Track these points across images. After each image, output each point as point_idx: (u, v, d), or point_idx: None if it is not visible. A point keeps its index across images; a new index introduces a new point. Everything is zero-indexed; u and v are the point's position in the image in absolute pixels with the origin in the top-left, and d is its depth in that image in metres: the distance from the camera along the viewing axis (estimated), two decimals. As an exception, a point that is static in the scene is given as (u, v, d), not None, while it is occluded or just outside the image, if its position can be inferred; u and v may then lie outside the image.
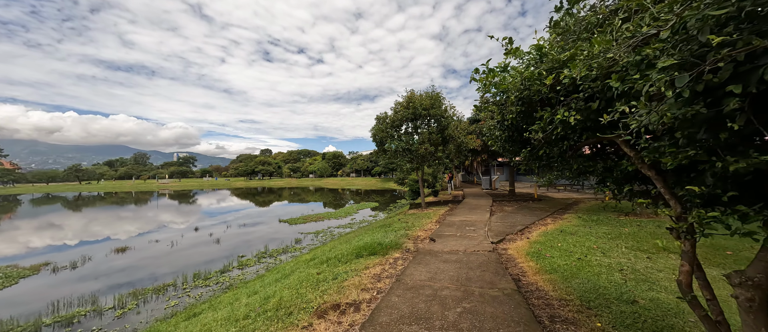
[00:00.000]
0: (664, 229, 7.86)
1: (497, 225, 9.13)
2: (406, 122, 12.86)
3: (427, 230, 9.12)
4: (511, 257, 5.91)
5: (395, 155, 12.56)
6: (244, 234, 15.70)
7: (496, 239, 7.19)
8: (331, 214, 21.47)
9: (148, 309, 7.16)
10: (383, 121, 13.10)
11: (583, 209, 11.95)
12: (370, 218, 19.25)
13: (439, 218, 11.26)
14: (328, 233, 14.96)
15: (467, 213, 11.58)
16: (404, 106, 12.73)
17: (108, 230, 17.78)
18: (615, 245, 6.43)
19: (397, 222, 11.50)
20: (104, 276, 9.72)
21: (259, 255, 11.47)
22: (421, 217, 11.73)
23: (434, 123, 12.79)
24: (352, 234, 12.20)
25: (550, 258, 5.68)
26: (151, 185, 76.15)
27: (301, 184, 73.34)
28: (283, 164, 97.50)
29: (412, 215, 12.50)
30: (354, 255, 6.55)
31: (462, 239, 7.47)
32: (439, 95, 12.50)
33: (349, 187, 58.49)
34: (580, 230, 8.02)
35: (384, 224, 11.51)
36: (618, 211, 11.21)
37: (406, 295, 3.92)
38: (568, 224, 9.00)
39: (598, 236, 7.40)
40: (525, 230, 8.56)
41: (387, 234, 8.83)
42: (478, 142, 15.34)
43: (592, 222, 9.24)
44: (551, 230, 8.34)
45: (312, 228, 16.51)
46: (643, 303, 3.66)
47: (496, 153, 16.41)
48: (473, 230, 8.52)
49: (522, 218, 10.20)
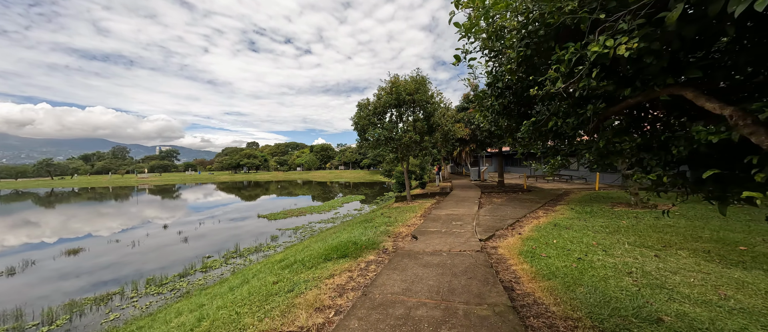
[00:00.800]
0: (663, 221, 7.26)
1: (486, 219, 8.37)
2: (390, 109, 11.88)
3: (409, 226, 8.29)
4: (501, 257, 5.12)
5: (377, 145, 11.61)
6: (217, 232, 14.56)
7: (484, 236, 6.40)
8: (314, 208, 20.46)
9: (82, 326, 6.09)
10: (365, 108, 12.09)
11: (575, 200, 11.38)
12: (355, 212, 18.37)
13: (425, 211, 10.45)
14: (307, 229, 14.00)
15: (454, 206, 10.82)
16: (387, 91, 11.74)
17: (65, 230, 16.27)
18: (616, 241, 5.73)
19: (379, 217, 10.65)
20: (44, 284, 8.51)
21: (227, 255, 10.42)
22: (405, 211, 10.90)
23: (420, 110, 11.87)
24: (331, 231, 11.29)
25: (546, 258, 4.92)
26: (129, 180, 72.89)
27: (288, 177, 71.67)
28: (270, 157, 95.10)
29: (397, 209, 11.66)
30: (323, 257, 5.64)
31: (447, 236, 6.66)
32: (424, 79, 11.54)
33: (337, 180, 57.41)
34: (575, 224, 7.34)
35: (366, 220, 10.63)
36: (611, 201, 10.66)
37: (371, 317, 3.04)
38: (562, 217, 8.33)
39: (596, 230, 6.71)
40: (516, 224, 7.83)
41: (366, 231, 7.96)
42: (466, 131, 14.55)
43: (587, 214, 8.60)
44: (544, 224, 7.63)
45: (292, 224, 15.50)
46: (670, 321, 2.89)
47: (484, 142, 15.69)
48: (460, 225, 7.73)
49: (512, 211, 9.50)
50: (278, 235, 13.28)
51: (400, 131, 11.32)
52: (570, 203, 10.89)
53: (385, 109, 11.89)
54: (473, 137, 15.06)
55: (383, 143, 11.50)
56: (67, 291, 7.93)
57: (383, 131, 11.00)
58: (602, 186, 16.06)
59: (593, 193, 13.26)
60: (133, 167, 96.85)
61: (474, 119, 14.35)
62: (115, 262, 10.30)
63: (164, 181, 69.06)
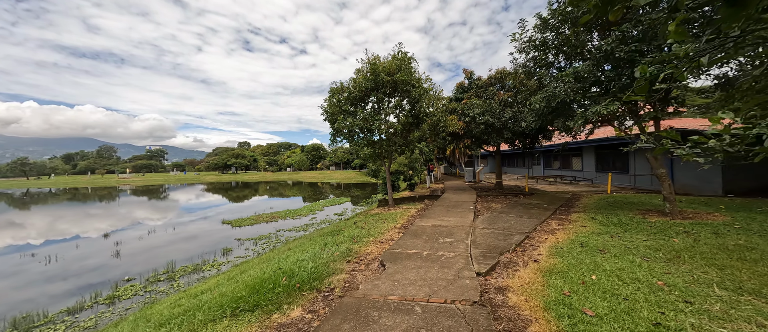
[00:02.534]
0: (731, 240, 5.21)
1: (485, 234, 6.25)
2: (370, 94, 9.69)
3: (382, 243, 6.13)
4: (517, 316, 2.99)
5: (350, 137, 9.44)
6: (165, 243, 12.22)
7: (484, 268, 4.26)
8: (289, 212, 18.18)
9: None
10: (338, 93, 9.89)
11: (591, 206, 9.34)
12: (335, 218, 16.16)
13: (407, 221, 8.31)
14: (272, 239, 11.76)
15: (444, 214, 8.70)
16: (364, 74, 9.58)
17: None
18: (691, 279, 3.64)
19: (350, 227, 8.48)
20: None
21: (154, 277, 8.14)
22: (383, 220, 8.74)
23: (403, 96, 9.71)
24: (293, 244, 9.07)
25: (596, 320, 2.80)
26: (109, 181, 69.58)
27: (277, 178, 69.11)
28: (261, 157, 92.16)
29: (374, 217, 9.50)
30: (226, 308, 3.45)
31: (430, 264, 4.52)
32: (408, 58, 9.39)
33: (327, 180, 55.12)
34: (610, 244, 5.25)
35: (333, 231, 8.44)
36: (637, 208, 8.64)
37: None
38: (586, 231, 6.24)
39: (644, 254, 4.63)
40: (526, 242, 5.71)
41: (321, 251, 5.79)
42: (460, 124, 12.46)
43: (616, 227, 6.53)
44: (565, 242, 5.53)
45: (256, 232, 13.23)
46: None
47: (481, 138, 13.62)
48: (449, 243, 5.59)
49: (517, 222, 7.40)
50: (235, 247, 11.02)
51: (379, 119, 9.14)
52: (586, 210, 8.84)
53: (363, 96, 9.72)
54: (468, 132, 12.98)
55: (357, 134, 9.33)
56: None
57: (356, 121, 8.82)
58: (615, 188, 14.11)
59: (608, 197, 11.27)
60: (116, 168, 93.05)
61: (469, 109, 12.26)
62: (6, 287, 7.94)
63: (147, 181, 65.96)
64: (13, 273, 9.05)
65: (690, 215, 7.39)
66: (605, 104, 6.47)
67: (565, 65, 8.52)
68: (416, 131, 9.94)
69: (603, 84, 7.15)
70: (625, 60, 6.42)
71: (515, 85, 12.50)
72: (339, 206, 20.58)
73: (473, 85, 13.83)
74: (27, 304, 6.80)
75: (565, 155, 21.31)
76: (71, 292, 7.40)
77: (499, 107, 12.31)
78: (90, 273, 8.87)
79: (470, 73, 13.81)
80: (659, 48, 5.92)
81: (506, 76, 12.96)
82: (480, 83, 13.57)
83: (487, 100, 12.57)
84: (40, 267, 9.49)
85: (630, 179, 15.04)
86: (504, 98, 12.35)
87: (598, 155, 17.61)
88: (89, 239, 13.17)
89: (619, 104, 6.43)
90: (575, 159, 20.19)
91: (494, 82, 13.34)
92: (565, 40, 7.68)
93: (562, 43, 7.83)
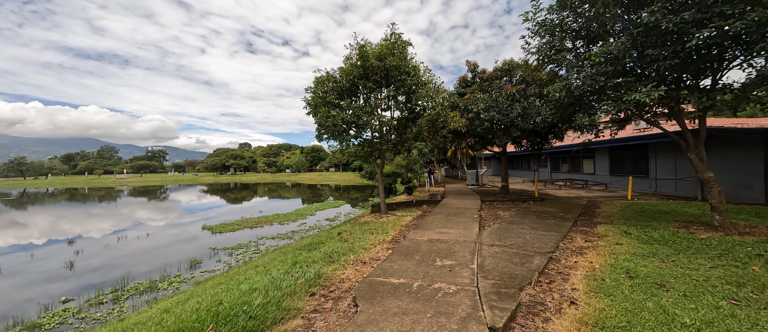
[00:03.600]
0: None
1: (495, 254, 4.90)
2: (357, 84, 8.36)
3: (363, 265, 4.80)
4: None
5: (335, 134, 8.12)
6: (130, 252, 10.94)
7: (501, 318, 2.91)
8: (278, 217, 16.87)
9: None
10: (323, 84, 8.56)
11: (617, 216, 7.96)
12: (325, 223, 14.85)
13: (400, 232, 6.96)
14: (249, 249, 10.46)
15: (444, 224, 7.35)
16: (353, 62, 8.28)
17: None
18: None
19: (334, 238, 7.15)
20: None
21: (96, 298, 6.83)
22: (373, 230, 7.40)
23: (398, 87, 8.39)
24: (264, 259, 7.75)
25: None
26: (106, 181, 68.62)
27: (276, 179, 67.96)
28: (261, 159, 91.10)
29: (363, 226, 8.17)
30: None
31: (420, 306, 3.19)
32: (403, 41, 8.07)
33: (326, 182, 53.88)
34: (667, 273, 3.88)
35: (313, 243, 7.11)
36: (674, 219, 7.26)
37: None
38: (625, 252, 4.87)
39: (724, 293, 3.27)
40: (551, 268, 4.36)
41: (285, 277, 4.49)
42: (462, 121, 11.13)
43: (660, 245, 5.17)
44: (604, 268, 4.17)
45: (236, 240, 11.93)
46: None
47: (485, 138, 12.28)
48: (449, 269, 4.26)
49: (533, 236, 6.04)
50: (207, 258, 9.73)
51: (367, 113, 7.79)
52: (613, 220, 7.46)
53: (351, 86, 8.39)
54: (471, 130, 11.64)
55: (344, 131, 8.02)
56: None
57: (341, 114, 7.50)
58: (634, 194, 12.70)
59: (632, 204, 9.88)
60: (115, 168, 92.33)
61: (473, 105, 10.93)
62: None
63: (144, 182, 64.94)
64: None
65: (745, 229, 6.01)
66: (647, 90, 5.12)
67: (585, 51, 7.20)
68: (413, 128, 8.62)
69: (642, 66, 5.81)
70: (675, 33, 5.08)
71: (524, 77, 11.16)
72: (333, 210, 19.25)
73: (477, 78, 12.49)
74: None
75: (575, 157, 19.91)
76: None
77: (507, 102, 10.97)
78: (28, 288, 7.58)
79: (474, 65, 12.49)
80: (725, 15, 4.57)
81: (514, 68, 11.62)
82: (485, 76, 12.24)
83: (493, 94, 11.24)
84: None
85: (650, 184, 13.63)
86: (512, 91, 11.01)
87: (612, 157, 16.21)
88: (50, 247, 11.90)
89: (665, 91, 5.08)
90: (586, 161, 18.79)
91: (501, 75, 12.01)
92: (591, 17, 6.35)
93: (586, 24, 6.50)
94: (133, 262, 9.66)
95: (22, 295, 7.22)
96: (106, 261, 9.93)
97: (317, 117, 7.96)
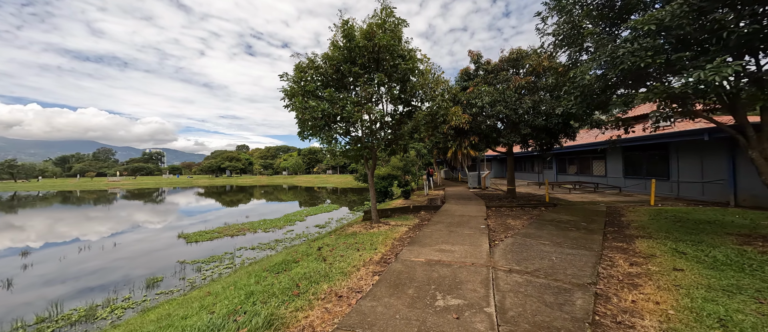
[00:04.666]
0: None
1: (517, 288, 3.60)
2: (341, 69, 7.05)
3: (339, 300, 3.50)
4: None
5: (315, 127, 6.80)
6: (88, 266, 9.58)
7: None
8: (264, 223, 15.54)
9: None
10: (304, 72, 7.24)
11: (651, 227, 6.68)
12: (315, 230, 13.53)
13: (391, 249, 5.65)
14: (222, 262, 9.15)
15: (446, 236, 6.06)
16: (338, 45, 6.99)
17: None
18: None
19: (312, 255, 5.84)
20: None
21: (15, 329, 5.49)
22: (359, 245, 6.10)
23: (390, 73, 7.10)
24: (231, 278, 6.42)
25: None
26: (98, 184, 67.07)
27: (272, 181, 66.60)
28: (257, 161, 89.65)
29: (349, 239, 6.86)
30: None
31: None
32: (396, 18, 6.75)
33: (324, 185, 52.61)
34: None
35: (284, 262, 5.79)
36: (719, 229, 5.98)
37: None
38: (695, 284, 3.56)
39: None
40: (600, 312, 3.05)
41: (227, 321, 3.18)
42: (465, 117, 9.86)
43: (736, 272, 3.86)
44: (680, 315, 2.87)
45: (211, 250, 10.60)
46: None
47: (490, 136, 11.02)
48: (456, 315, 2.96)
49: (561, 256, 4.74)
50: (171, 273, 8.40)
51: (351, 101, 6.44)
52: (650, 233, 6.16)
53: (338, 74, 7.08)
54: (475, 127, 10.37)
55: (325, 125, 6.72)
56: None
57: (322, 104, 6.21)
58: (656, 198, 11.43)
59: (660, 211, 8.61)
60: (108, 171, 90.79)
61: (477, 98, 9.68)
62: None
63: (137, 185, 63.45)
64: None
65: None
66: (715, 66, 3.85)
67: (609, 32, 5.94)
68: (409, 123, 7.33)
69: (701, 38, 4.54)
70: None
71: (535, 67, 9.90)
72: (325, 215, 17.91)
73: (481, 70, 11.23)
74: None
75: (583, 159, 18.67)
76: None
77: (515, 95, 9.71)
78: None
79: (477, 56, 11.22)
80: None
81: (523, 57, 10.36)
82: (490, 67, 10.98)
83: (499, 87, 9.98)
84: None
85: (671, 187, 12.37)
86: (521, 83, 9.75)
87: (626, 158, 14.95)
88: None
89: (742, 66, 3.81)
90: (596, 163, 17.53)
91: (508, 66, 10.75)
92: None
93: None
94: (84, 278, 8.32)
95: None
96: (55, 276, 8.58)
97: (294, 109, 6.66)
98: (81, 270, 9.07)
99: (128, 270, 8.88)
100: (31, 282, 8.20)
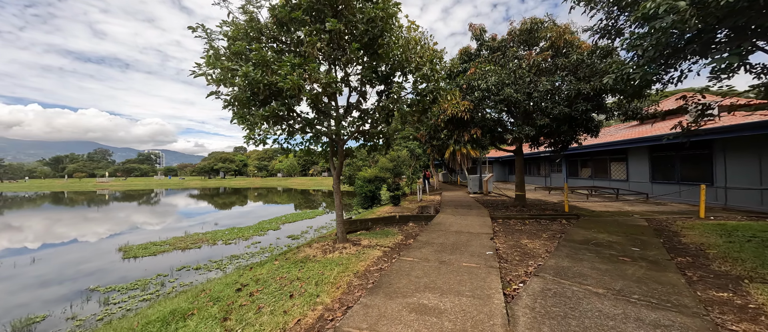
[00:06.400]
0: None
1: None
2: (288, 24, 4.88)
3: None
4: None
5: (242, 103, 4.61)
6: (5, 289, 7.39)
7: None
8: (232, 232, 13.34)
9: None
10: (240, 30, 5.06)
11: (742, 257, 4.48)
12: (285, 242, 11.34)
13: (340, 297, 3.46)
14: (146, 290, 6.95)
15: (433, 275, 3.89)
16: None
17: None
18: None
19: (219, 303, 3.66)
20: None
21: None
22: (302, 283, 3.92)
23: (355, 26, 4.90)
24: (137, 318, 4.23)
25: None
26: (86, 185, 64.92)
27: (266, 184, 64.40)
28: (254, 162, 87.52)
29: (295, 269, 4.67)
30: None
31: None
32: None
33: (319, 187, 50.36)
34: None
35: (173, 312, 3.62)
36: None
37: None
38: None
39: None
40: None
41: None
42: (464, 104, 7.71)
43: None
44: None
45: (143, 270, 8.40)
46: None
47: (495, 131, 8.87)
48: None
49: (637, 325, 2.56)
50: (58, 313, 6.20)
51: (289, 61, 4.19)
52: (749, 267, 3.98)
53: (283, 31, 4.89)
54: (476, 118, 8.21)
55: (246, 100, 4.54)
56: None
57: (245, 67, 4.04)
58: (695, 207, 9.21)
59: (730, 228, 6.41)
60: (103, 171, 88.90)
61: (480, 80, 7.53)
62: None
63: (127, 186, 61.37)
64: None
65: None
66: None
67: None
68: (388, 104, 5.17)
69: None
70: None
71: (555, 41, 7.76)
72: (306, 223, 15.68)
73: (485, 48, 9.09)
74: None
75: (599, 160, 16.48)
76: None
77: (529, 75, 7.56)
78: None
79: (480, 30, 9.06)
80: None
81: (538, 27, 8.21)
82: (495, 45, 8.84)
83: (510, 65, 7.83)
84: None
85: (715, 194, 10.17)
86: (537, 60, 7.60)
87: (654, 160, 12.76)
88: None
89: None
90: (615, 165, 15.34)
91: (519, 41, 8.61)
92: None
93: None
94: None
95: None
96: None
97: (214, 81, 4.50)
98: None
99: (8, 300, 6.68)
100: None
